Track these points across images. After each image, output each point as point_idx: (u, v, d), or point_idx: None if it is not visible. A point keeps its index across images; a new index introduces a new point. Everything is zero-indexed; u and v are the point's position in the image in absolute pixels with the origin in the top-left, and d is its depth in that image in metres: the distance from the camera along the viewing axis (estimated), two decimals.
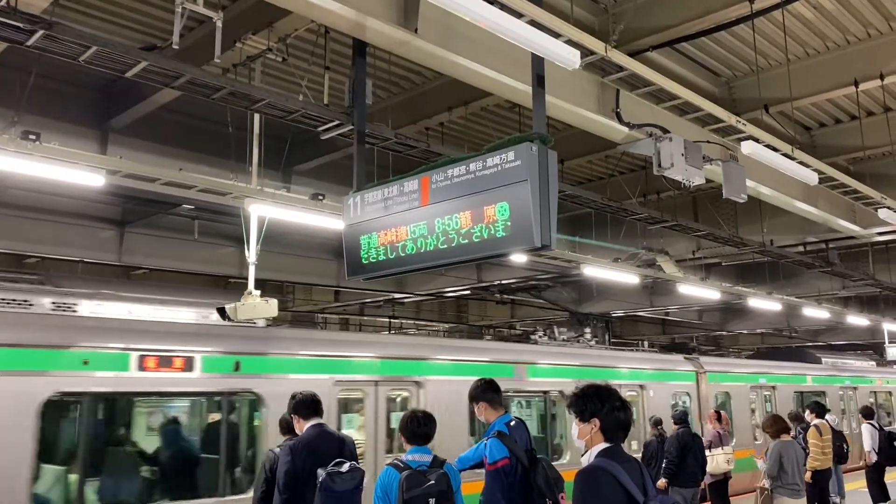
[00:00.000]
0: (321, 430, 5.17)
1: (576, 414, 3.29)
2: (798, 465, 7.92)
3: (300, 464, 4.89)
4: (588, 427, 3.23)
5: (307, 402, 5.27)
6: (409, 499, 4.29)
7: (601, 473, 3.07)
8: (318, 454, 4.93)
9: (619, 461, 3.12)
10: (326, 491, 4.69)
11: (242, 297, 8.24)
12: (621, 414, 3.24)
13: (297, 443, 5.07)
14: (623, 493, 3.01)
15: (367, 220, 5.78)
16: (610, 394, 3.29)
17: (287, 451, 5.00)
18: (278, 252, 14.78)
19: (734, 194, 8.23)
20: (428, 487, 4.35)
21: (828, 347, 33.85)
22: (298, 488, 4.87)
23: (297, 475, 4.88)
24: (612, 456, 3.14)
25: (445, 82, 9.55)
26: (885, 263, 18.13)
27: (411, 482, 4.34)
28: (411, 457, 4.60)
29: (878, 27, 8.96)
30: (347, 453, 5.07)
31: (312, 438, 5.08)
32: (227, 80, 6.92)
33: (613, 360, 13.32)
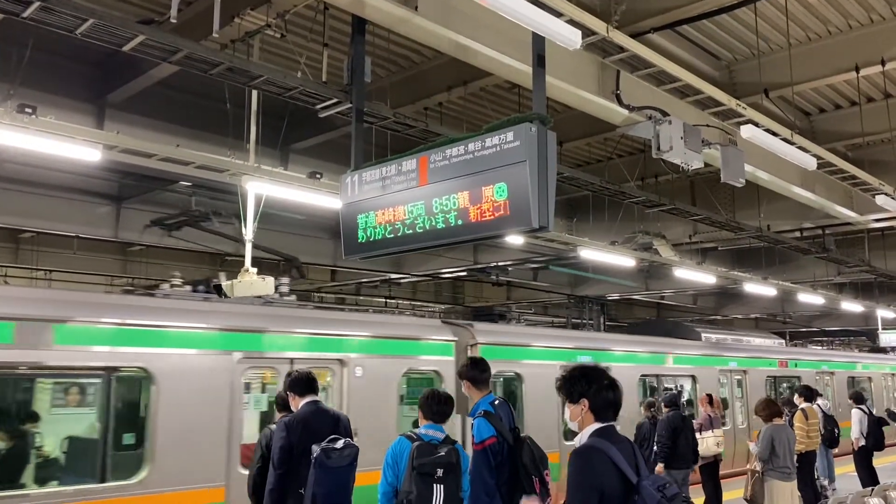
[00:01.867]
0: (317, 407, 5.21)
1: (565, 396, 3.31)
2: (789, 449, 7.98)
3: (295, 440, 4.94)
4: (578, 408, 3.25)
5: (302, 379, 5.31)
6: (418, 465, 4.42)
7: (595, 452, 3.09)
8: (313, 431, 4.97)
9: (613, 441, 3.14)
10: (321, 467, 4.75)
11: (239, 275, 8.24)
12: (610, 393, 3.25)
13: (293, 419, 5.11)
14: (616, 472, 3.03)
15: (364, 200, 5.77)
16: (598, 374, 3.31)
17: (282, 426, 5.05)
18: (274, 230, 14.76)
19: (732, 178, 8.22)
20: (438, 458, 4.48)
21: (821, 333, 34.10)
22: (293, 464, 4.92)
23: (291, 451, 4.93)
24: (606, 436, 3.16)
25: (445, 61, 9.49)
26: (880, 250, 18.18)
27: (422, 451, 4.49)
28: (425, 431, 4.75)
29: (881, 12, 8.91)
30: (342, 430, 5.11)
31: (308, 415, 5.12)
32: (226, 56, 6.86)
33: (285, 322, 8.24)
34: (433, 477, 4.47)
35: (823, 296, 20.60)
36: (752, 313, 30.47)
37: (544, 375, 10.36)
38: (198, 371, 7.17)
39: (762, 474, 7.90)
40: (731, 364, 15.18)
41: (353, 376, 8.43)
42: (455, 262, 19.12)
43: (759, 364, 16.07)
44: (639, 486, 3.01)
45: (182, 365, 7.06)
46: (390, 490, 4.63)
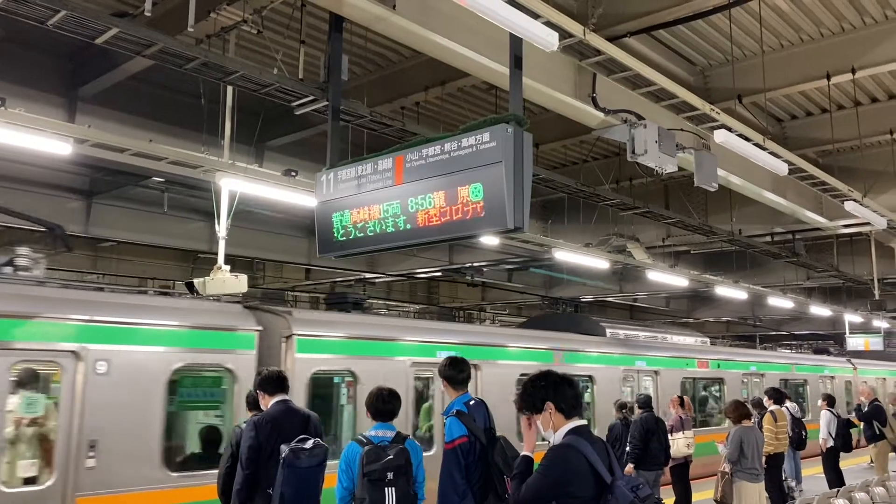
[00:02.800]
0: (286, 407, 5.16)
1: (530, 410, 3.34)
2: (758, 451, 8.09)
3: (264, 439, 4.89)
4: (546, 414, 3.27)
5: (273, 377, 5.24)
6: (367, 472, 4.40)
7: (570, 450, 3.11)
8: (283, 430, 4.93)
9: (588, 440, 3.16)
10: (290, 467, 4.70)
11: (212, 272, 8.16)
12: (569, 389, 3.30)
13: (262, 418, 5.05)
14: (591, 470, 3.05)
15: (339, 198, 5.74)
16: (549, 375, 3.36)
17: (251, 426, 4.99)
18: (249, 228, 14.66)
19: (705, 183, 8.31)
20: (387, 462, 4.45)
21: (790, 336, 34.62)
22: (261, 464, 4.87)
23: (260, 450, 4.88)
24: (581, 435, 3.18)
25: (423, 61, 9.49)
26: (848, 256, 18.51)
27: (370, 457, 4.45)
28: (374, 432, 4.73)
29: (852, 21, 9.07)
30: (312, 430, 5.07)
31: (277, 414, 5.06)
32: (201, 51, 6.80)
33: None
34: (384, 481, 4.45)
35: (793, 300, 20.91)
36: (724, 316, 30.87)
37: (391, 374, 8.52)
38: None
39: (731, 475, 7.99)
40: (640, 363, 13.30)
41: (94, 373, 6.50)
42: (430, 262, 19.12)
43: (673, 364, 14.18)
44: (613, 485, 3.03)
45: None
46: (347, 495, 4.61)
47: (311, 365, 8.13)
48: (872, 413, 12.40)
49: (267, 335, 7.86)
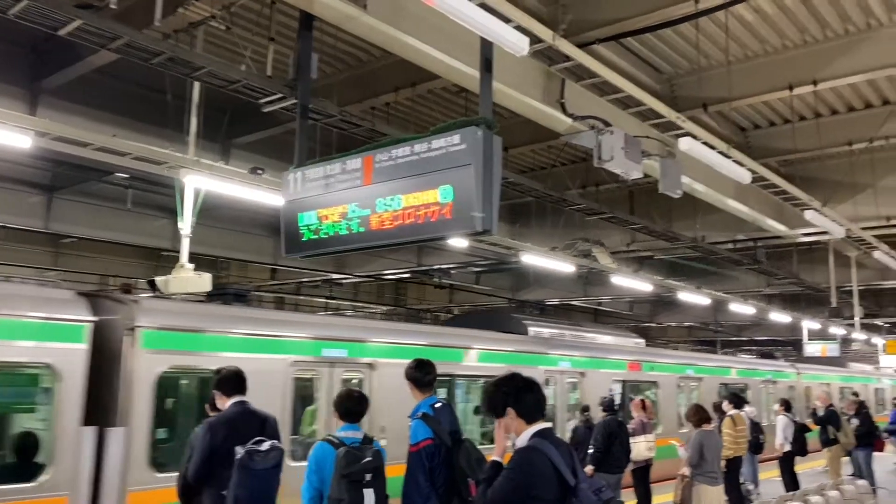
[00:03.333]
0: (243, 408, 5.04)
1: (493, 414, 3.36)
2: (717, 454, 8.22)
3: (218, 442, 4.78)
4: (507, 419, 3.29)
5: (231, 378, 5.12)
6: (347, 474, 4.38)
7: (534, 453, 3.12)
8: (239, 432, 4.82)
9: (553, 443, 3.18)
10: (244, 469, 4.61)
11: (174, 270, 8.05)
12: (530, 395, 3.31)
13: (217, 420, 4.95)
14: (555, 473, 3.07)
15: (307, 197, 5.70)
16: (512, 380, 3.37)
17: (206, 428, 4.88)
18: (213, 226, 14.50)
19: (670, 189, 8.42)
20: (365, 464, 4.44)
21: (750, 342, 35.24)
22: (215, 466, 4.77)
23: (214, 453, 4.77)
24: (546, 437, 3.20)
25: (393, 62, 9.47)
26: (808, 263, 18.90)
27: (350, 459, 4.42)
28: (344, 433, 4.71)
29: (815, 34, 9.27)
30: (269, 432, 4.96)
31: (233, 416, 4.96)
32: (168, 46, 6.70)
33: None
34: (362, 483, 4.45)
35: (753, 306, 21.30)
36: (686, 321, 31.30)
37: (266, 374, 7.65)
38: None
39: (691, 479, 8.10)
40: (563, 364, 12.48)
41: None
42: (398, 263, 19.10)
43: (601, 365, 13.44)
44: (576, 488, 3.05)
45: None
46: (316, 495, 4.59)
47: (159, 363, 6.99)
48: (828, 418, 12.68)
49: (106, 327, 6.75)
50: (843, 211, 12.43)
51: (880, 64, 9.10)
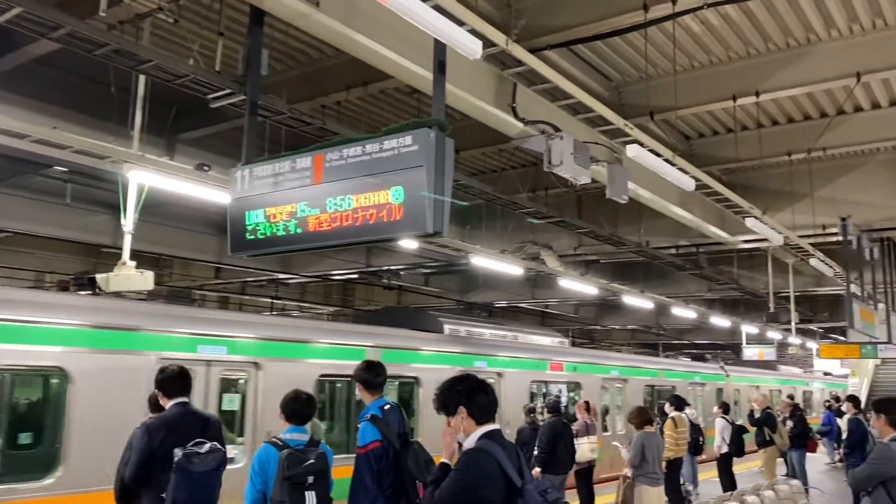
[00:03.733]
0: (185, 409, 4.93)
1: (444, 413, 3.37)
2: (659, 455, 8.38)
3: (157, 444, 4.66)
4: (458, 418, 3.31)
5: (173, 377, 4.98)
6: (289, 476, 4.34)
7: (482, 454, 3.14)
8: (179, 434, 4.70)
9: (500, 444, 3.20)
10: (183, 471, 4.51)
11: (116, 268, 7.83)
12: (483, 396, 3.34)
13: (157, 421, 4.83)
14: (502, 474, 3.09)
15: (254, 195, 5.61)
16: (467, 380, 3.40)
17: (144, 429, 4.76)
18: (157, 223, 14.16)
19: (617, 195, 8.57)
20: (308, 466, 4.40)
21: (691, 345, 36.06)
22: (153, 469, 4.66)
23: (152, 455, 4.66)
24: (494, 438, 3.22)
25: (345, 60, 9.39)
26: (747, 270, 19.45)
27: (292, 461, 4.38)
28: (289, 436, 4.67)
29: (758, 47, 9.55)
30: (211, 434, 4.85)
31: (174, 417, 4.84)
32: (113, 37, 6.52)
33: None
34: (304, 485, 4.41)
35: (695, 310, 21.82)
36: (629, 324, 31.87)
37: (126, 373, 7.14)
38: None
39: (633, 480, 8.24)
40: (479, 364, 11.97)
41: None
42: (346, 264, 18.97)
43: (520, 366, 12.97)
44: (523, 489, 3.08)
45: None
46: (259, 497, 4.53)
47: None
48: (763, 420, 13.08)
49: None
50: (781, 219, 12.84)
51: (819, 77, 9.43)
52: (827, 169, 13.25)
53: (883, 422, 5.18)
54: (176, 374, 5.00)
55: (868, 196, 13.11)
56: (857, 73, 9.07)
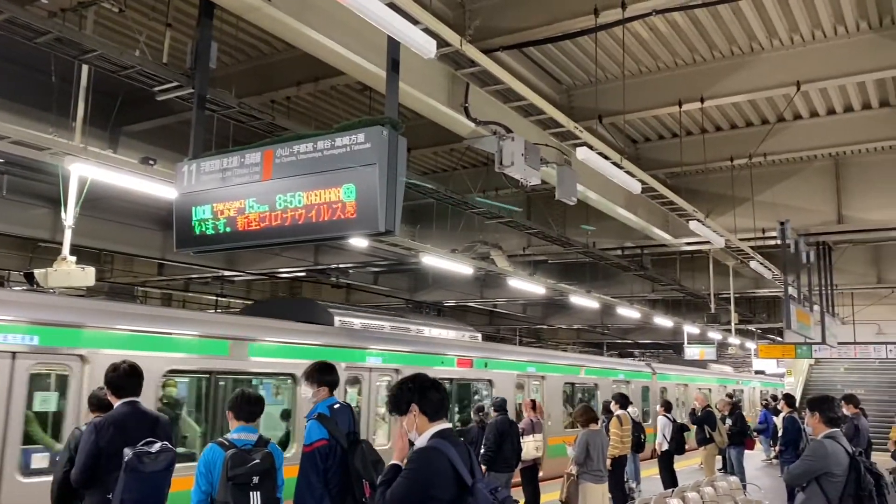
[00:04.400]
0: (134, 409, 4.82)
1: (396, 413, 3.38)
2: (603, 453, 8.52)
3: (104, 444, 4.56)
4: (410, 416, 3.31)
5: (124, 375, 4.86)
6: (233, 476, 4.29)
7: (433, 453, 3.15)
8: (128, 434, 4.61)
9: (452, 443, 3.22)
10: (133, 472, 4.42)
11: (55, 263, 7.59)
12: (435, 394, 3.35)
13: (104, 421, 4.70)
14: (454, 473, 3.11)
15: (202, 191, 5.49)
16: (418, 378, 3.41)
17: (91, 429, 4.63)
18: (98, 217, 13.78)
19: (565, 196, 8.68)
20: (252, 466, 4.35)
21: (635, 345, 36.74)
22: (100, 469, 4.55)
23: (99, 455, 4.56)
24: (445, 438, 3.24)
25: (296, 56, 9.30)
26: (689, 271, 19.91)
27: (236, 461, 4.34)
28: (237, 435, 4.62)
29: (703, 54, 9.79)
30: (161, 433, 4.77)
31: (122, 417, 4.73)
32: (55, 25, 6.31)
33: None
34: (249, 485, 4.36)
35: (639, 310, 22.23)
36: (576, 324, 32.29)
37: None
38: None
39: (577, 477, 8.37)
40: (373, 360, 10.80)
41: None
42: (294, 261, 18.75)
43: (422, 362, 11.72)
44: (473, 488, 3.09)
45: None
46: (205, 498, 4.46)
47: None
48: (704, 418, 13.42)
49: None
50: (723, 222, 13.19)
51: (761, 85, 9.73)
52: (767, 174, 13.67)
53: (817, 419, 5.36)
54: (127, 372, 4.87)
55: (805, 201, 13.57)
56: (796, 82, 9.38)
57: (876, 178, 13.07)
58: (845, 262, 19.17)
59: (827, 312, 17.16)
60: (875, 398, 25.18)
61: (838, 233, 14.77)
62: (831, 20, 8.82)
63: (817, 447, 5.26)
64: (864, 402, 11.93)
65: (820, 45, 9.25)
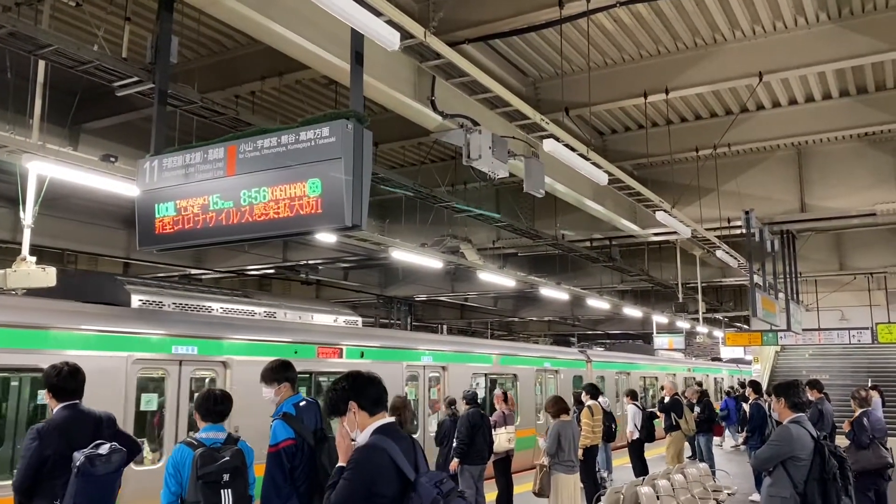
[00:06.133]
0: (75, 411, 4.67)
1: (336, 415, 3.33)
2: (574, 444, 8.58)
3: (51, 451, 4.45)
4: (350, 414, 3.27)
5: (65, 377, 4.69)
6: (202, 475, 4.27)
7: (374, 451, 3.11)
8: (71, 437, 4.50)
9: (394, 438, 3.18)
10: (85, 476, 4.33)
11: (14, 264, 7.41)
12: (372, 388, 3.31)
13: (47, 426, 4.56)
14: (395, 469, 3.07)
15: (164, 188, 5.41)
16: (355, 375, 3.37)
17: (34, 434, 4.49)
18: (60, 217, 13.51)
19: (533, 189, 8.68)
20: (223, 464, 4.33)
21: (605, 335, 37.09)
22: (44, 475, 4.45)
23: (44, 463, 4.44)
24: (387, 433, 3.19)
25: (260, 50, 9.18)
26: (657, 262, 20.14)
27: (205, 459, 4.31)
28: (205, 434, 4.59)
29: (667, 46, 9.86)
30: (106, 434, 4.66)
31: (64, 421, 4.59)
32: (8, 19, 6.14)
33: None
34: (220, 483, 4.33)
35: (608, 301, 22.43)
36: (546, 316, 32.52)
37: None
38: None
39: (549, 468, 8.41)
40: (184, 349, 8.52)
41: None
42: (262, 258, 18.57)
43: (256, 351, 9.31)
44: (416, 482, 3.06)
45: None
46: (175, 500, 4.42)
47: None
48: (671, 405, 13.64)
49: None
50: (689, 213, 13.33)
51: (724, 76, 9.83)
52: (732, 164, 13.86)
53: (782, 405, 5.45)
54: (67, 373, 4.71)
55: (769, 191, 13.78)
56: (759, 73, 9.50)
57: (837, 167, 13.31)
58: (809, 249, 19.53)
59: (792, 300, 17.46)
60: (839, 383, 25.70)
61: (801, 221, 15.03)
62: (792, 11, 8.94)
63: (783, 432, 5.34)
64: (828, 387, 12.16)
65: (781, 36, 9.37)
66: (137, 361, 8.07)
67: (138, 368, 8.10)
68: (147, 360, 8.20)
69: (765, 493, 5.43)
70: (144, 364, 8.19)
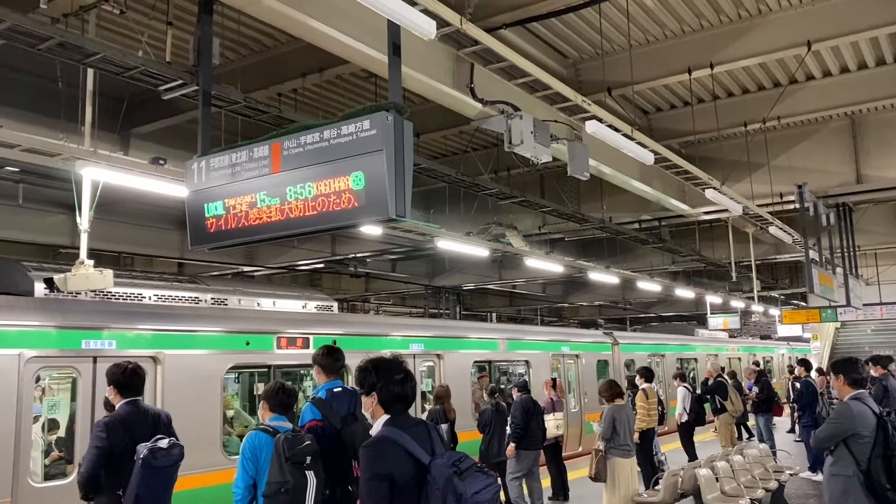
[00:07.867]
0: (136, 407, 5.02)
1: (362, 388, 3.40)
2: (629, 427, 8.49)
3: (116, 442, 4.76)
4: (370, 400, 3.34)
5: (128, 375, 5.02)
6: (291, 455, 4.45)
7: (385, 444, 3.16)
8: (134, 432, 4.83)
9: (404, 427, 3.22)
10: (148, 468, 4.64)
11: (73, 267, 7.65)
12: (398, 387, 3.33)
13: (112, 419, 4.89)
14: (408, 458, 3.12)
15: (212, 187, 5.52)
16: (389, 366, 3.39)
17: (102, 427, 4.82)
18: (115, 220, 13.89)
19: (578, 172, 8.60)
20: (306, 447, 4.51)
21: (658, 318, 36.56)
22: (110, 466, 4.75)
23: (111, 453, 4.75)
24: (397, 424, 3.24)
25: (300, 47, 9.28)
26: (709, 241, 19.75)
27: (292, 442, 4.49)
28: (276, 423, 4.82)
29: (710, 19, 9.63)
30: (163, 429, 5.00)
31: (127, 415, 4.92)
32: (56, 30, 6.32)
33: None
34: (304, 465, 4.52)
35: (659, 283, 22.10)
36: (596, 300, 32.18)
37: None
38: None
39: (605, 453, 8.35)
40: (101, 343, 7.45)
41: None
42: (312, 253, 18.82)
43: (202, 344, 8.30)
44: (430, 465, 3.10)
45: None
46: (251, 483, 4.66)
47: None
48: (714, 388, 13.44)
49: None
50: (740, 189, 13.03)
51: (771, 48, 9.55)
52: (782, 138, 13.48)
53: (841, 382, 5.31)
54: (132, 371, 5.04)
55: (822, 163, 13.37)
56: (807, 42, 9.21)
57: (894, 136, 12.84)
58: (867, 222, 18.88)
59: (850, 274, 16.95)
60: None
61: (858, 193, 14.52)
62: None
63: (843, 409, 5.21)
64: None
65: (829, 3, 9.06)
66: (34, 360, 6.84)
67: (35, 368, 6.86)
68: (47, 357, 6.95)
69: (827, 471, 5.30)
70: (44, 363, 6.96)
